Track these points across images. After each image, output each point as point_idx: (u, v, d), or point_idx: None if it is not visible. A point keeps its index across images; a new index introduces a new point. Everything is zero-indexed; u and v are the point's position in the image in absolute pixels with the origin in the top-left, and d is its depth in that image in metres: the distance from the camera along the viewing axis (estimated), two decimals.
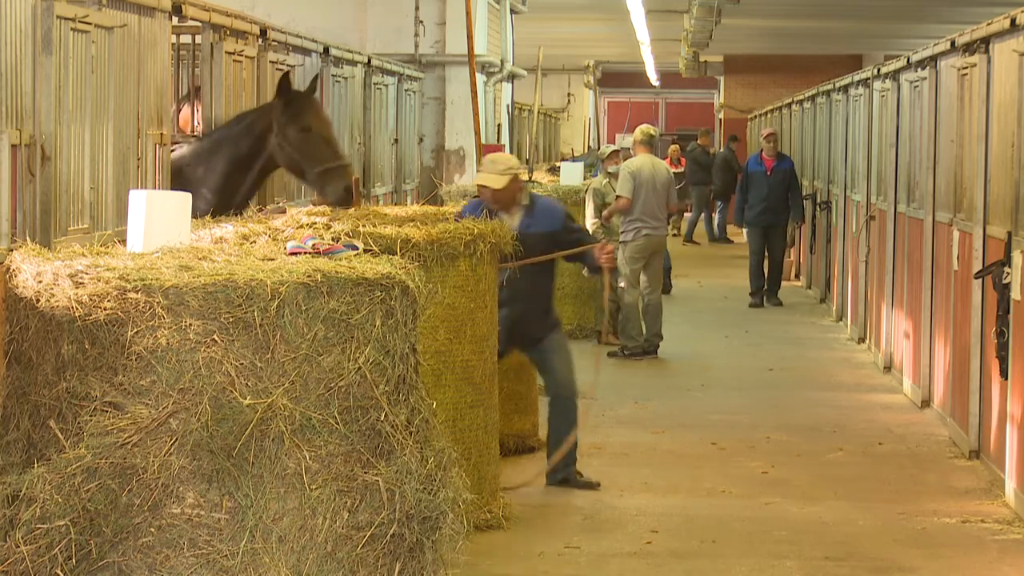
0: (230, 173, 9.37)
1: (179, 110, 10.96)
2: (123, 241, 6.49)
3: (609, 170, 16.19)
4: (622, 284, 15.12)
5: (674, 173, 24.65)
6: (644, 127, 16.01)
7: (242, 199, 9.47)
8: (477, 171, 11.53)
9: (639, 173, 15.26)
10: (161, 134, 8.24)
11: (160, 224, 6.29)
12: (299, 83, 11.57)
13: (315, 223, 7.96)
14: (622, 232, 15.30)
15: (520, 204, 9.54)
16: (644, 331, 15.29)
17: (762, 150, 20.15)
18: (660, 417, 12.12)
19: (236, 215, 8.32)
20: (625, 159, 16.23)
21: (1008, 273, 9.22)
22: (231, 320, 5.34)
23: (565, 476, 9.67)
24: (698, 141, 32.36)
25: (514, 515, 8.79)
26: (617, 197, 15.32)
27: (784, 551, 8.28)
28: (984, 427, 10.18)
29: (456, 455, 5.84)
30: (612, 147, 17.51)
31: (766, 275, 19.90)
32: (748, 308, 19.48)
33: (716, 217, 31.62)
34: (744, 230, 21.00)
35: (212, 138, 9.48)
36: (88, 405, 5.36)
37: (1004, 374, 9.37)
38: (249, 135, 9.37)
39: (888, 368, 14.27)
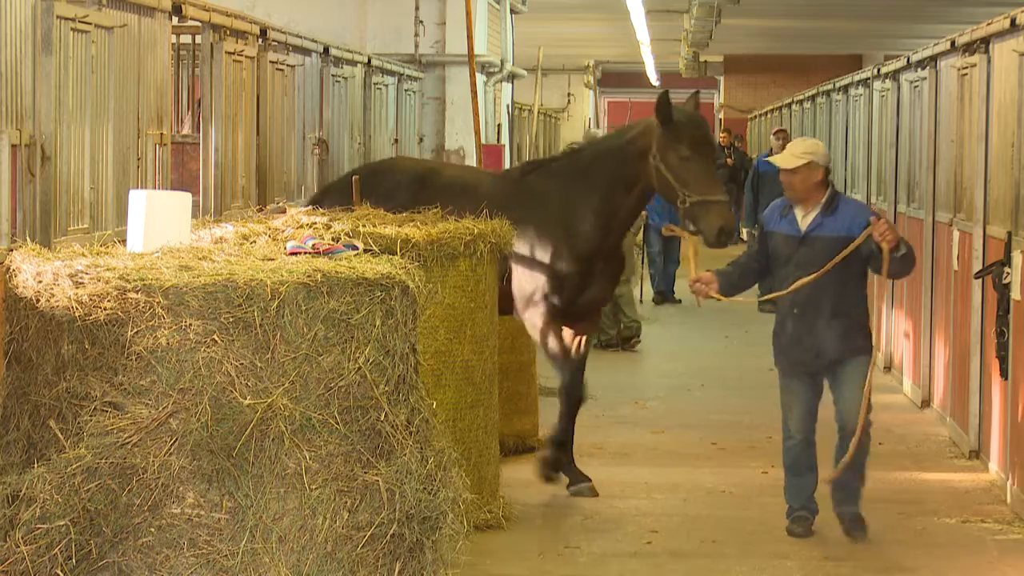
0: (608, 195, 9.20)
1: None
2: (123, 241, 6.49)
3: None
4: None
5: None
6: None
7: (621, 223, 9.34)
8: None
9: None
10: (161, 134, 8.24)
11: (160, 224, 6.29)
12: (299, 83, 11.59)
13: (315, 223, 7.96)
14: None
15: (818, 200, 8.42)
16: (623, 320, 15.65)
17: (771, 149, 19.76)
18: (660, 417, 12.12)
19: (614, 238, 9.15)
20: None
21: (1008, 273, 9.22)
22: (231, 320, 5.34)
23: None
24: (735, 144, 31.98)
25: (514, 515, 8.79)
26: None
27: (784, 551, 8.28)
28: (984, 427, 10.18)
29: (456, 455, 5.84)
30: None
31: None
32: (755, 311, 18.73)
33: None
34: (755, 231, 20.73)
35: (583, 155, 9.42)
36: (88, 405, 5.36)
37: (1004, 374, 9.37)
38: (628, 154, 9.15)
39: (888, 368, 14.27)
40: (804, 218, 8.40)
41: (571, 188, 9.29)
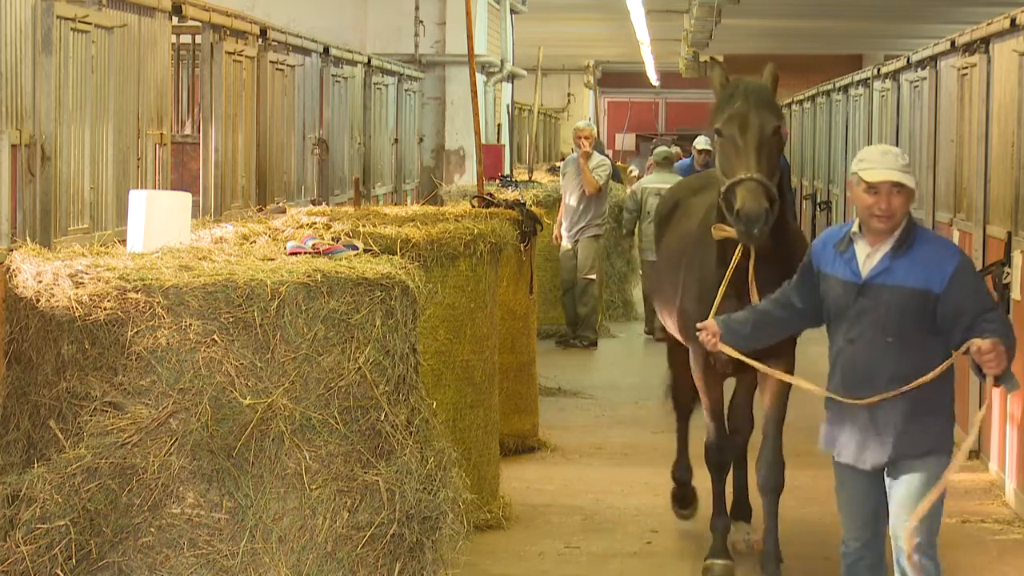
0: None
1: None
2: (123, 241, 6.49)
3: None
4: (593, 277, 15.56)
5: None
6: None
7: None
8: (476, 171, 11.45)
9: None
10: (161, 134, 8.24)
11: (160, 224, 6.30)
12: (299, 83, 11.59)
13: (315, 223, 7.97)
14: (596, 225, 15.62)
15: (892, 233, 6.15)
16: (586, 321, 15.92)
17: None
18: (660, 417, 12.11)
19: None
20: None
21: (1008, 273, 9.22)
22: (231, 320, 5.34)
23: None
24: None
25: (514, 515, 8.79)
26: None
27: (784, 551, 8.27)
28: (984, 427, 10.18)
29: (456, 455, 5.84)
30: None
31: None
32: None
33: None
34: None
35: None
36: (88, 405, 5.36)
37: None
38: None
39: None
40: (868, 257, 6.18)
41: None
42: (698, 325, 6.67)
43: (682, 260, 8.01)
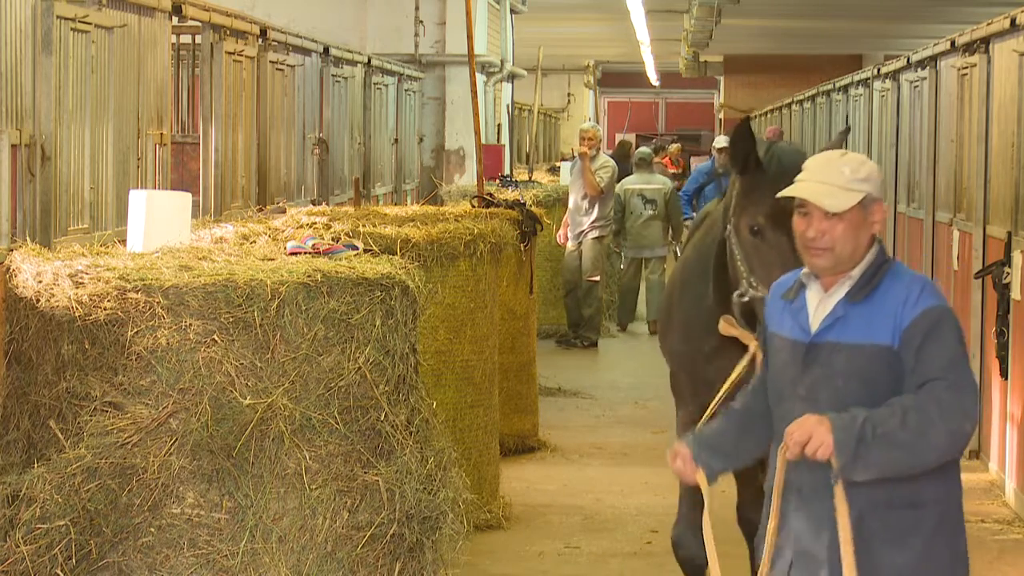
0: (719, 264, 6.07)
1: None
2: (123, 241, 6.49)
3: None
4: (597, 278, 15.62)
5: (672, 174, 24.71)
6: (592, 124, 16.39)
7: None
8: (476, 171, 11.44)
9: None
10: (161, 134, 8.24)
11: (160, 224, 6.30)
12: (299, 83, 11.59)
13: (315, 223, 7.96)
14: (599, 227, 15.60)
15: (847, 270, 4.48)
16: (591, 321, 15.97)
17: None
18: (660, 417, 12.11)
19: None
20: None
21: (1008, 273, 9.22)
22: (231, 320, 5.34)
23: None
24: None
25: (514, 515, 8.79)
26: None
27: None
28: (984, 427, 10.18)
29: (456, 455, 5.84)
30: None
31: None
32: None
33: None
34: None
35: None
36: (88, 405, 5.36)
37: (1004, 374, 9.37)
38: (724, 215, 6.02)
39: None
40: (820, 305, 4.50)
41: None
42: (670, 451, 4.78)
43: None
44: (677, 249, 17.89)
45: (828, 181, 4.43)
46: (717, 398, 5.17)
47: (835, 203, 4.41)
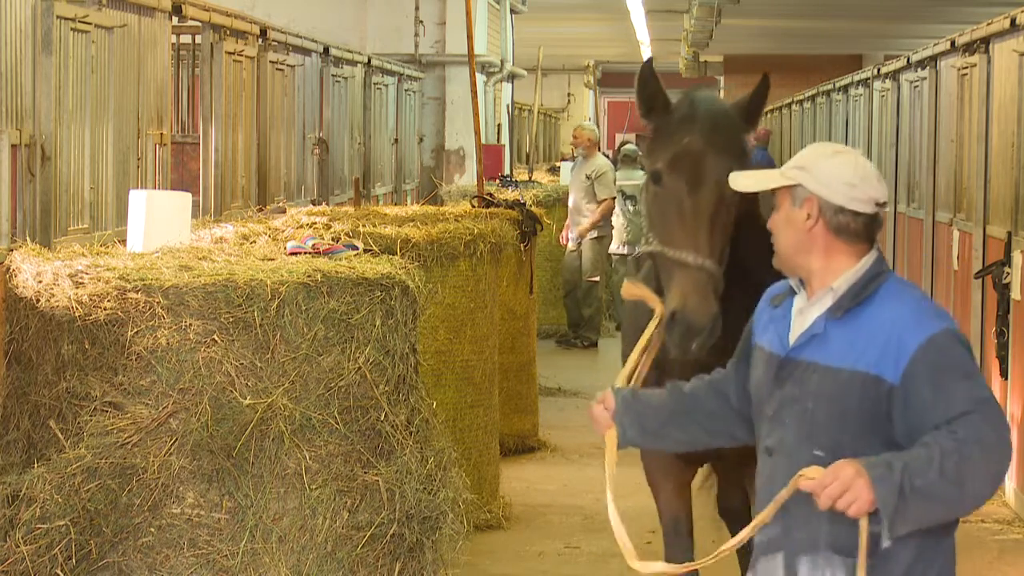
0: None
1: None
2: (123, 241, 6.49)
3: None
4: (596, 279, 15.67)
5: None
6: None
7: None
8: (476, 171, 11.42)
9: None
10: (161, 134, 8.24)
11: (160, 224, 6.30)
12: (299, 83, 11.59)
13: (315, 223, 7.96)
14: (599, 228, 15.64)
15: (827, 283, 3.98)
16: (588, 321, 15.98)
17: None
18: None
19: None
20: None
21: (1008, 273, 9.22)
22: (231, 320, 5.34)
23: None
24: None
25: (514, 515, 8.79)
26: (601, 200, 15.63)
27: None
28: None
29: (456, 455, 5.84)
30: None
31: None
32: None
33: None
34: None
35: None
36: (88, 405, 5.36)
37: (1004, 374, 9.37)
38: None
39: None
40: (800, 315, 4.05)
41: None
42: (599, 395, 4.47)
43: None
44: None
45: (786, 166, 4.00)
46: (628, 364, 4.82)
47: (744, 182, 4.03)
